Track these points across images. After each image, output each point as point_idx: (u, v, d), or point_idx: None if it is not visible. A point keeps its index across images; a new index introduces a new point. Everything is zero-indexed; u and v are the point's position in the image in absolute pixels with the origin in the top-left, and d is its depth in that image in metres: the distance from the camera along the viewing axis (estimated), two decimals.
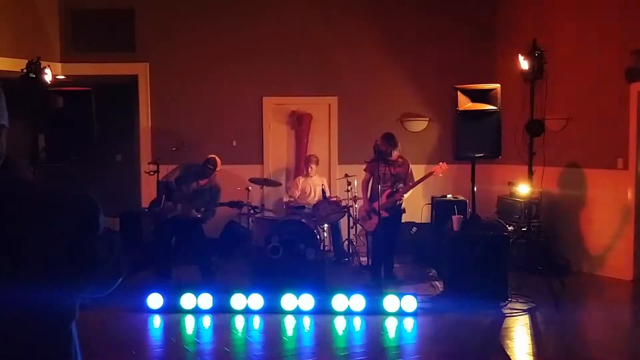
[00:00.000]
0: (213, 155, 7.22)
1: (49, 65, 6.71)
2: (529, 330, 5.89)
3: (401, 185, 7.30)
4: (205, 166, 7.16)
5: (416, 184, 7.38)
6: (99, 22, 9.58)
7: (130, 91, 9.88)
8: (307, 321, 6.08)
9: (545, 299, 6.49)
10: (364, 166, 7.50)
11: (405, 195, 7.39)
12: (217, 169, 7.23)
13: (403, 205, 7.48)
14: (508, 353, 5.22)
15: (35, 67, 6.56)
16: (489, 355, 5.23)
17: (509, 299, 6.53)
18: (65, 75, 9.44)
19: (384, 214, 7.12)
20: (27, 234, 1.30)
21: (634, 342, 5.67)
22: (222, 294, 6.38)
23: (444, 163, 7.22)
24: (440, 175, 7.28)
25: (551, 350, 5.44)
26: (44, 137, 6.83)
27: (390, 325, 5.96)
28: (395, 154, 7.23)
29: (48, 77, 6.60)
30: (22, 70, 6.57)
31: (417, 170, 7.53)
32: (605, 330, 5.93)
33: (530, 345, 5.53)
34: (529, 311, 6.31)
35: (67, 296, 1.38)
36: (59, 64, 9.33)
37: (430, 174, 7.27)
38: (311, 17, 9.62)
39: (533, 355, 5.22)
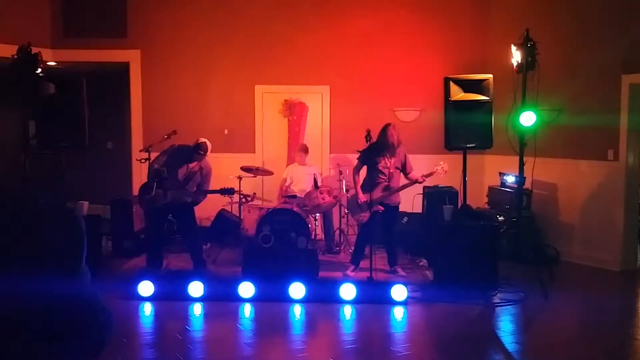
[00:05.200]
0: (203, 140, 7.14)
1: (40, 52, 6.66)
2: (518, 320, 5.94)
3: (399, 188, 7.24)
4: (195, 151, 7.11)
5: (414, 182, 7.29)
6: (91, 9, 9.53)
7: (122, 78, 9.84)
8: (297, 309, 6.11)
9: (534, 289, 6.55)
10: (356, 155, 7.42)
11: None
12: (208, 153, 7.18)
13: (399, 198, 7.41)
14: (497, 342, 5.26)
15: (26, 53, 6.52)
16: (479, 345, 5.27)
17: (499, 289, 6.58)
18: (56, 62, 9.39)
19: (380, 208, 7.11)
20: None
21: (621, 331, 5.72)
22: (213, 281, 6.39)
23: (445, 164, 7.14)
24: (442, 176, 7.19)
25: (540, 339, 5.48)
26: (34, 124, 6.81)
27: (381, 313, 5.99)
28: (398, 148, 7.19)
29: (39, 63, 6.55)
30: (12, 56, 6.52)
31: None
32: (593, 319, 5.98)
33: (519, 335, 5.57)
34: (519, 301, 6.36)
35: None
36: (50, 50, 9.27)
37: (430, 174, 7.17)
38: (305, 6, 9.59)
39: (522, 345, 5.26)
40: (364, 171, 7.35)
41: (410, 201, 8.33)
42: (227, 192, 7.37)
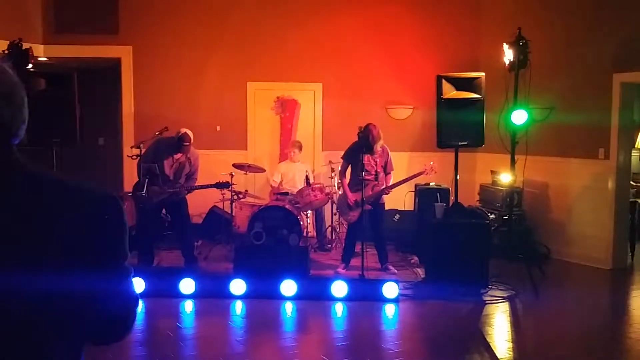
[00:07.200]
0: (184, 130, 7.14)
1: (31, 47, 6.62)
2: (508, 318, 5.96)
3: (388, 187, 7.25)
4: (180, 144, 7.11)
5: (404, 181, 7.34)
6: (83, 4, 9.45)
7: (114, 74, 9.79)
8: (289, 307, 6.10)
9: (525, 287, 6.57)
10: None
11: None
12: (192, 142, 7.20)
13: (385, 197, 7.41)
14: (488, 340, 5.28)
15: (17, 49, 6.48)
16: (469, 342, 5.28)
17: (490, 286, 6.60)
18: (47, 57, 9.33)
19: (367, 207, 7.10)
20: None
21: (613, 329, 5.75)
22: (204, 279, 6.38)
23: (435, 163, 7.24)
24: (431, 175, 7.32)
25: (530, 337, 5.51)
26: None
27: (372, 311, 6.00)
28: (377, 147, 7.14)
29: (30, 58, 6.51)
30: (3, 51, 6.48)
31: (401, 158, 7.49)
32: (583, 317, 6.00)
33: (510, 332, 5.59)
34: (509, 298, 6.39)
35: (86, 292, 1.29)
36: (41, 46, 9.21)
37: (420, 173, 7.27)
38: (297, 3, 9.56)
39: (512, 342, 5.28)
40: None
41: (402, 199, 8.34)
42: (223, 186, 7.40)
